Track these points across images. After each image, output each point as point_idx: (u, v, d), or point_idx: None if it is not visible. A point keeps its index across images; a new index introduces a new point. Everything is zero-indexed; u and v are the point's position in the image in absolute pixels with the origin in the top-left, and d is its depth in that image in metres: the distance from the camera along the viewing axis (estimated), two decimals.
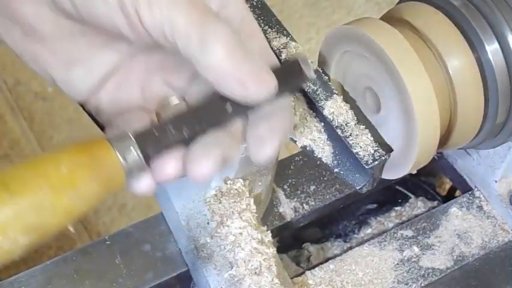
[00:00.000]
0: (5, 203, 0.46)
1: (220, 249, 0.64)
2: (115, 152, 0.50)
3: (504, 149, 0.71)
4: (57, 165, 0.48)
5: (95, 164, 0.49)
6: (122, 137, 0.51)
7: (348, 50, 0.61)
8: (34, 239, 0.48)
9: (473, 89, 0.60)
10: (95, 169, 0.49)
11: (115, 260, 0.71)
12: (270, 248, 0.63)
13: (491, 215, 0.75)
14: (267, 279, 0.61)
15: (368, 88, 0.61)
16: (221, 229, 0.64)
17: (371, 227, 0.82)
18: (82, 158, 0.49)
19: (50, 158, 0.49)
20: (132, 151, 0.50)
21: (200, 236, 0.67)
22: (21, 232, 0.47)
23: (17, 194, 0.46)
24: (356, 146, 0.58)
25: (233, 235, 0.63)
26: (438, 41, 0.60)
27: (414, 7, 0.63)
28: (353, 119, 0.60)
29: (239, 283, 0.61)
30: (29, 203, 0.47)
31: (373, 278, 0.70)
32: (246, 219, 0.63)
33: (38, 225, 0.47)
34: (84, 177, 0.49)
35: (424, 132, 0.57)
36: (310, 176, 0.77)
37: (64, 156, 0.49)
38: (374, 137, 0.59)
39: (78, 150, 0.49)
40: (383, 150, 0.59)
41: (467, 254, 0.72)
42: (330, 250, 0.81)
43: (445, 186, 0.86)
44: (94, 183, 0.49)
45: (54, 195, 0.47)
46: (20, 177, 0.47)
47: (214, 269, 0.65)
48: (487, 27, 0.60)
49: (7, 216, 0.46)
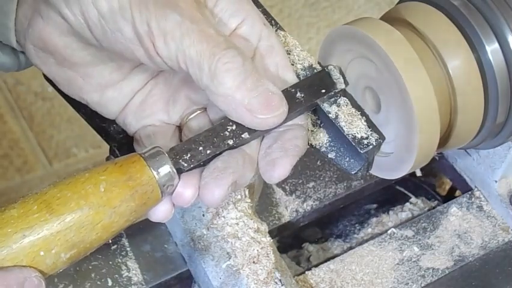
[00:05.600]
0: (48, 222, 0.49)
1: (217, 240, 0.65)
2: (150, 169, 0.52)
3: (504, 149, 0.71)
4: (96, 185, 0.51)
5: (132, 181, 0.52)
6: (156, 154, 0.53)
7: (348, 49, 0.61)
8: (75, 254, 0.51)
9: (473, 89, 0.60)
10: (132, 187, 0.52)
11: (115, 260, 0.71)
12: (267, 237, 0.64)
13: (491, 215, 0.75)
14: (265, 267, 0.61)
15: (368, 88, 0.61)
16: (217, 220, 0.64)
17: (371, 227, 0.82)
18: (119, 176, 0.52)
19: (89, 177, 0.51)
20: (166, 167, 0.53)
21: (196, 228, 0.68)
22: (63, 249, 0.50)
23: (59, 213, 0.50)
24: (350, 131, 0.59)
25: (229, 226, 0.64)
26: (438, 41, 0.60)
27: (414, 7, 0.63)
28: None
29: (237, 273, 0.61)
30: (70, 221, 0.50)
31: (373, 278, 0.70)
32: (242, 209, 0.64)
33: (79, 241, 0.50)
34: (121, 195, 0.51)
35: (424, 132, 0.57)
36: (310, 176, 0.77)
37: (102, 175, 0.51)
38: (367, 122, 0.60)
39: (115, 168, 0.52)
40: (376, 134, 0.59)
41: (467, 254, 0.72)
42: (330, 250, 0.81)
43: (445, 186, 0.86)
44: (131, 200, 0.52)
45: (94, 214, 0.50)
46: (61, 197, 0.50)
47: (212, 260, 0.66)
48: (487, 27, 0.60)
49: (50, 235, 0.49)
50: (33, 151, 1.60)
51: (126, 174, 0.52)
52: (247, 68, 0.53)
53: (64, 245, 0.50)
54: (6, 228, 0.49)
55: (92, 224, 0.50)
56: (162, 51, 0.53)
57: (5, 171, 1.58)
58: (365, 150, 0.58)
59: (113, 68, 0.59)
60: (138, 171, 0.52)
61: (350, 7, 1.90)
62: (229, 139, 0.55)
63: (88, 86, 0.59)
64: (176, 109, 0.61)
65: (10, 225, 0.49)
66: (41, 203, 0.50)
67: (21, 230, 0.49)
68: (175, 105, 0.61)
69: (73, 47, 0.57)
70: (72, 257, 0.51)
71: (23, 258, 0.49)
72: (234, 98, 0.53)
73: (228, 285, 0.63)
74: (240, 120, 0.54)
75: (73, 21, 0.54)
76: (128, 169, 0.52)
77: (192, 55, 0.52)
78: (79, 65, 0.58)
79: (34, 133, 1.63)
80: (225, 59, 0.52)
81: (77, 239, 0.50)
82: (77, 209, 0.50)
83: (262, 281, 0.61)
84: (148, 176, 0.52)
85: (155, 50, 0.53)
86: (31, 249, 0.49)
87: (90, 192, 0.50)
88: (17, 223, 0.49)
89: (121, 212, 0.51)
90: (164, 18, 0.52)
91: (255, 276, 0.61)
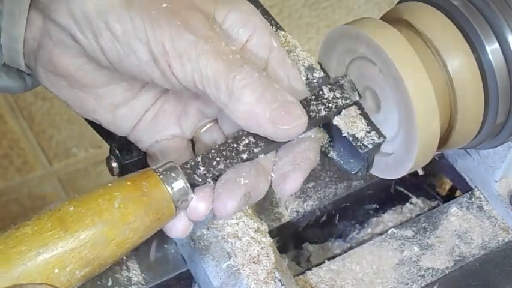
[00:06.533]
0: (62, 239, 0.49)
1: (217, 240, 0.65)
2: (164, 184, 0.52)
3: (504, 149, 0.71)
4: (110, 201, 0.51)
5: (146, 197, 0.51)
6: (170, 169, 0.53)
7: (348, 49, 0.61)
8: (90, 271, 0.50)
9: (473, 89, 0.60)
10: (146, 203, 0.51)
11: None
12: (267, 237, 0.64)
13: (491, 215, 0.75)
14: (265, 267, 0.61)
15: (368, 88, 0.61)
16: (217, 220, 0.64)
17: (371, 227, 0.82)
18: (133, 192, 0.51)
19: (103, 193, 0.51)
20: (180, 182, 0.52)
21: (196, 228, 0.68)
22: (78, 266, 0.50)
23: (73, 231, 0.49)
24: (350, 131, 0.59)
25: (229, 226, 0.64)
26: (438, 41, 0.60)
27: (414, 7, 0.63)
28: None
29: (238, 273, 0.61)
30: (85, 238, 0.50)
31: (373, 278, 0.70)
32: (242, 209, 0.64)
33: (93, 258, 0.50)
34: (136, 211, 0.51)
35: (424, 132, 0.57)
36: (310, 176, 0.77)
37: (116, 191, 0.51)
38: (367, 122, 0.60)
39: (129, 184, 0.51)
40: (376, 134, 0.59)
41: (467, 254, 0.72)
42: (330, 250, 0.81)
43: (445, 186, 0.86)
44: (146, 216, 0.51)
45: (108, 231, 0.50)
46: (75, 214, 0.50)
47: (212, 260, 0.66)
48: (487, 27, 0.60)
49: (64, 252, 0.49)
50: (33, 151, 1.60)
51: (140, 190, 0.51)
52: (264, 82, 0.53)
53: (79, 262, 0.49)
54: (20, 246, 0.48)
55: (106, 241, 0.50)
56: (178, 72, 0.53)
57: (5, 171, 1.58)
58: (365, 150, 0.58)
59: (124, 87, 0.59)
60: (152, 186, 0.52)
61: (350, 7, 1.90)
62: (243, 153, 0.55)
63: (100, 106, 0.59)
64: (189, 122, 0.61)
65: (24, 242, 0.49)
66: (55, 220, 0.49)
67: (36, 247, 0.48)
68: (187, 118, 0.61)
69: (85, 69, 0.57)
70: (87, 273, 0.50)
71: (38, 276, 0.48)
72: (255, 113, 0.53)
73: (228, 285, 0.63)
74: (263, 133, 0.54)
75: (85, 43, 0.54)
76: (142, 185, 0.51)
77: (209, 75, 0.52)
78: (91, 86, 0.58)
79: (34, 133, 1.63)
80: (242, 75, 0.52)
81: (91, 255, 0.50)
82: (92, 226, 0.50)
83: (262, 281, 0.61)
84: (162, 191, 0.52)
85: (171, 70, 0.53)
86: (46, 266, 0.49)
87: (104, 209, 0.50)
88: (31, 241, 0.49)
89: (135, 228, 0.51)
90: (179, 38, 0.52)
91: (255, 276, 0.61)
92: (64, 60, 0.56)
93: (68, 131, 1.62)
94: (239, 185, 0.53)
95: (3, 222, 1.52)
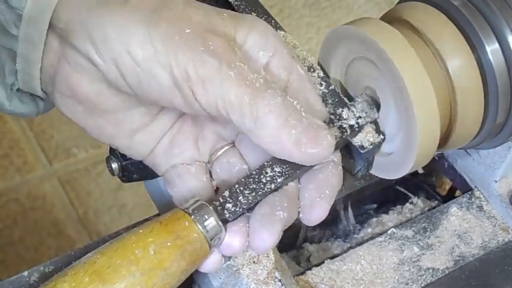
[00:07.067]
0: None
1: None
2: (196, 224, 0.52)
3: (504, 149, 0.71)
4: (145, 248, 0.50)
5: (180, 240, 0.51)
6: (199, 207, 0.53)
7: (348, 49, 0.61)
8: None
9: (473, 89, 0.60)
10: (181, 245, 0.51)
11: None
12: None
13: (491, 215, 0.75)
14: (265, 267, 0.61)
15: (368, 88, 0.61)
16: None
17: (371, 227, 0.82)
18: (167, 236, 0.51)
19: (137, 241, 0.51)
20: (212, 220, 0.52)
21: None
22: None
23: (112, 283, 0.49)
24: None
25: None
26: (438, 41, 0.60)
27: (414, 7, 0.63)
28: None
29: (238, 273, 0.61)
30: None
31: (373, 278, 0.70)
32: None
33: None
34: (171, 256, 0.51)
35: (424, 132, 0.57)
36: None
37: (149, 237, 0.51)
38: None
39: (161, 228, 0.51)
40: (376, 134, 0.59)
41: (467, 254, 0.72)
42: (330, 250, 0.81)
43: (445, 186, 0.86)
44: (182, 259, 0.51)
45: (146, 279, 0.50)
46: (111, 265, 0.49)
47: None
48: (487, 27, 0.60)
49: None
50: (33, 151, 1.61)
51: (174, 233, 0.51)
52: (288, 106, 0.52)
53: None
54: None
55: None
56: (201, 98, 0.52)
57: (5, 171, 1.58)
58: (365, 150, 0.58)
59: (143, 111, 0.58)
60: (185, 228, 0.51)
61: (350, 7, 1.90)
62: (270, 183, 0.54)
63: (118, 132, 0.58)
64: (206, 145, 0.60)
65: None
66: (91, 274, 0.49)
67: None
68: (204, 141, 0.59)
69: (104, 94, 0.55)
70: None
71: None
72: (281, 138, 0.52)
73: (228, 285, 0.63)
74: (289, 158, 0.53)
75: (105, 68, 0.53)
76: (174, 227, 0.51)
77: (232, 101, 0.51)
78: (110, 112, 0.57)
79: (34, 133, 1.63)
80: (266, 100, 0.52)
81: None
82: (129, 276, 0.49)
83: (262, 281, 0.61)
84: (195, 232, 0.51)
85: (194, 96, 0.52)
86: None
87: (140, 257, 0.50)
88: None
89: (172, 272, 0.51)
90: (202, 63, 0.51)
91: (255, 276, 0.61)
92: (82, 85, 0.55)
93: (68, 131, 1.62)
94: (277, 220, 0.53)
95: (3, 222, 1.52)
